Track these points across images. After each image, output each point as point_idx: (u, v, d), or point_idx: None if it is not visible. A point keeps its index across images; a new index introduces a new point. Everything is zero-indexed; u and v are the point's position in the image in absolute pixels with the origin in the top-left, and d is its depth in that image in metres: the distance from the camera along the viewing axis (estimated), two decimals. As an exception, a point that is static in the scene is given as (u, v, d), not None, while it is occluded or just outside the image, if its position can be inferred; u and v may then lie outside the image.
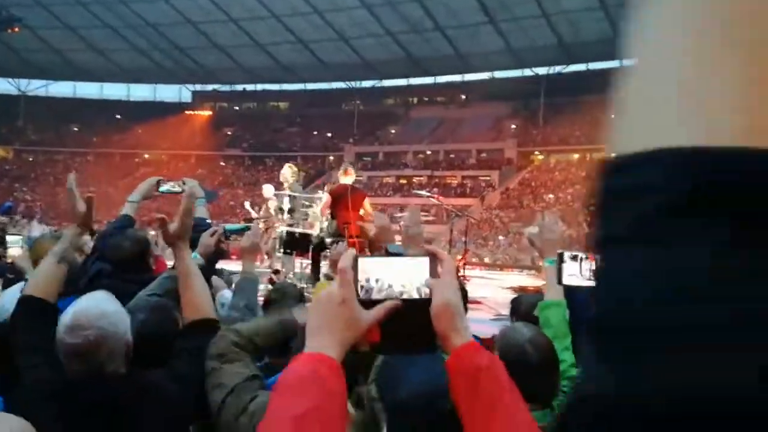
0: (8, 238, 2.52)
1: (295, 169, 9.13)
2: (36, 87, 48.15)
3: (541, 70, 40.63)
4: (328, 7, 35.48)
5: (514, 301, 2.81)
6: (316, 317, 0.89)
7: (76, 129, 46.30)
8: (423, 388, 1.12)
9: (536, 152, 38.76)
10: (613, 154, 0.33)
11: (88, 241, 2.81)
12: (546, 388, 1.63)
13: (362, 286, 0.90)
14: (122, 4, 36.94)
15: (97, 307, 1.60)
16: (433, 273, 0.93)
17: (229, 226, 2.94)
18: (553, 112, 38.84)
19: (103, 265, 2.51)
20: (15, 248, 2.54)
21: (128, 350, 1.64)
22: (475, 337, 1.76)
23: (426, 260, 0.94)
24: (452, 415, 0.97)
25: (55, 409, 1.56)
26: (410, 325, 0.90)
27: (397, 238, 2.12)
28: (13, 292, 2.43)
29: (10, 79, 47.12)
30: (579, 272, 1.92)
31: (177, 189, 2.96)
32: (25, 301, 1.82)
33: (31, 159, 45.34)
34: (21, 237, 2.58)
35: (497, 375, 0.89)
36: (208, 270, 2.44)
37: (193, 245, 2.73)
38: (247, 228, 2.92)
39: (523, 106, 41.19)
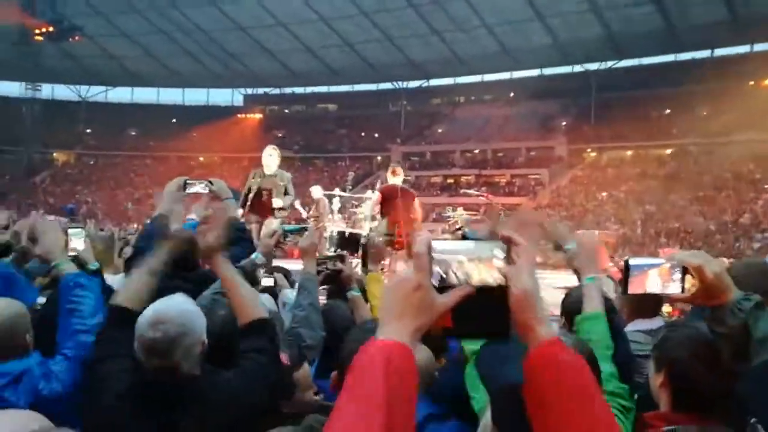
0: (69, 231, 2.60)
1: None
2: (96, 93, 50.10)
3: (591, 66, 39.74)
4: (375, 8, 35.68)
5: (564, 300, 2.66)
6: (389, 302, 0.87)
7: (133, 133, 47.89)
8: None
9: (588, 149, 37.87)
10: None
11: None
12: None
13: (437, 271, 0.89)
14: (176, 10, 38.11)
15: (177, 306, 1.69)
16: (509, 260, 0.91)
17: (287, 226, 3.05)
18: (605, 109, 37.87)
19: None
20: (77, 240, 2.62)
21: (203, 350, 1.71)
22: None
23: (502, 246, 0.91)
24: None
25: (132, 410, 1.62)
26: (484, 311, 0.88)
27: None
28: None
29: (72, 86, 49.21)
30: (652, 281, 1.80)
31: (204, 190, 2.99)
32: (114, 310, 1.87)
33: (92, 163, 47.10)
34: (82, 229, 2.65)
35: (586, 373, 0.87)
36: (265, 270, 2.56)
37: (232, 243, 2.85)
38: (305, 229, 3.02)
39: (573, 103, 40.29)
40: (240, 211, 5.64)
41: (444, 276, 0.89)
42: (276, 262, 3.81)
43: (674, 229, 27.74)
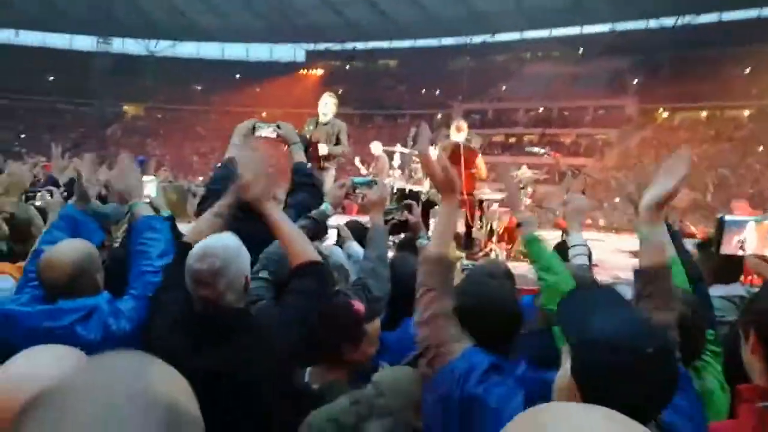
0: (143, 178, 2.74)
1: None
2: (163, 48, 51.19)
3: (667, 21, 37.47)
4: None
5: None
6: None
7: (199, 88, 48.90)
8: (623, 329, 1.15)
9: (659, 110, 36.07)
10: None
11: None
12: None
13: None
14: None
15: (223, 242, 1.80)
16: None
17: (356, 179, 3.04)
18: (679, 67, 35.74)
19: None
20: (150, 187, 2.78)
21: (246, 285, 1.82)
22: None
23: None
24: (654, 358, 1.05)
25: (182, 337, 1.73)
26: None
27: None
28: None
29: (141, 40, 50.44)
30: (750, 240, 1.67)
31: (272, 134, 3.05)
32: (180, 246, 2.04)
33: (159, 116, 48.57)
34: (153, 177, 2.77)
35: None
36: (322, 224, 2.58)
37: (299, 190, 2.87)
38: (374, 182, 3.00)
39: (646, 60, 38.25)
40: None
41: None
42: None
43: (748, 194, 26.34)
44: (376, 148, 10.01)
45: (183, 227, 2.94)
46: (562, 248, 2.79)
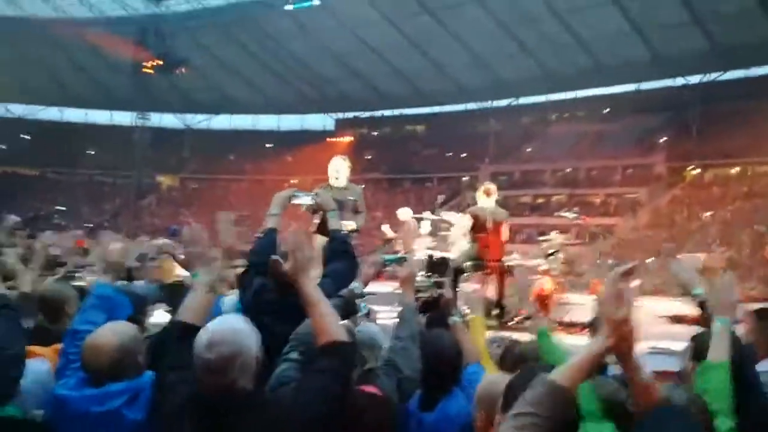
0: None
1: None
2: (199, 121, 53.24)
3: (694, 79, 37.62)
4: (464, 30, 35.83)
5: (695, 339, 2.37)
6: None
7: (232, 158, 50.34)
8: None
9: (689, 167, 35.66)
10: None
11: (232, 274, 2.87)
12: None
13: None
14: (273, 41, 40.03)
15: (231, 326, 1.76)
16: None
17: (386, 256, 3.08)
18: (709, 123, 35.45)
19: (265, 281, 2.60)
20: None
21: (258, 366, 1.76)
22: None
23: None
24: None
25: (190, 420, 1.69)
26: None
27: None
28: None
29: (177, 114, 52.62)
30: None
31: (310, 202, 3.06)
32: (176, 325, 2.00)
33: (194, 186, 49.93)
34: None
35: None
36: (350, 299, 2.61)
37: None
38: (404, 258, 3.04)
39: (674, 118, 38.15)
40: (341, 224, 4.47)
41: None
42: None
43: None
44: (404, 214, 10.00)
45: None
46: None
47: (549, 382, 1.42)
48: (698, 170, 35.35)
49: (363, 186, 6.14)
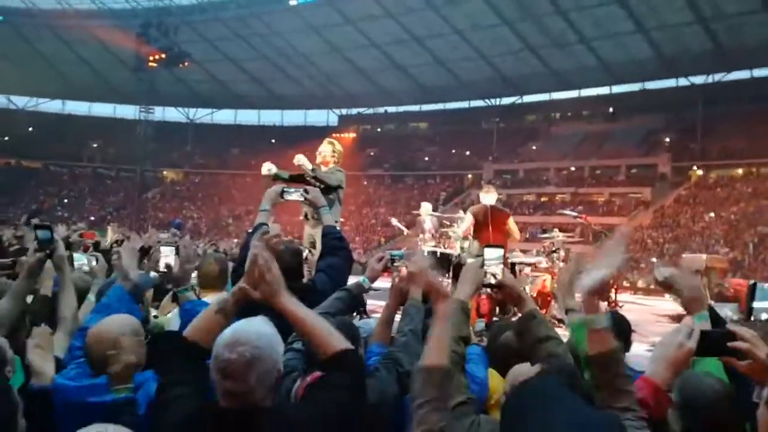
0: (163, 248, 2.67)
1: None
2: (202, 115, 53.26)
3: (698, 79, 37.53)
4: (467, 26, 35.75)
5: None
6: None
7: (236, 152, 50.42)
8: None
9: (694, 167, 35.62)
10: None
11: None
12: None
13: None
14: (278, 36, 39.97)
15: (256, 328, 1.61)
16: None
17: (394, 252, 3.03)
18: (713, 124, 35.50)
19: None
20: (169, 257, 2.68)
21: (278, 379, 1.64)
22: (633, 370, 1.73)
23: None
24: None
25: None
26: None
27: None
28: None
29: (181, 108, 52.62)
30: None
31: (300, 198, 3.08)
32: (180, 341, 1.80)
33: (197, 180, 49.99)
34: (173, 247, 2.65)
35: None
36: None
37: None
38: (411, 254, 3.00)
39: (678, 118, 38.11)
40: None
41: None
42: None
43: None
44: (426, 208, 9.35)
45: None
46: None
47: (420, 366, 1.64)
48: (702, 171, 35.28)
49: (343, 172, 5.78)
